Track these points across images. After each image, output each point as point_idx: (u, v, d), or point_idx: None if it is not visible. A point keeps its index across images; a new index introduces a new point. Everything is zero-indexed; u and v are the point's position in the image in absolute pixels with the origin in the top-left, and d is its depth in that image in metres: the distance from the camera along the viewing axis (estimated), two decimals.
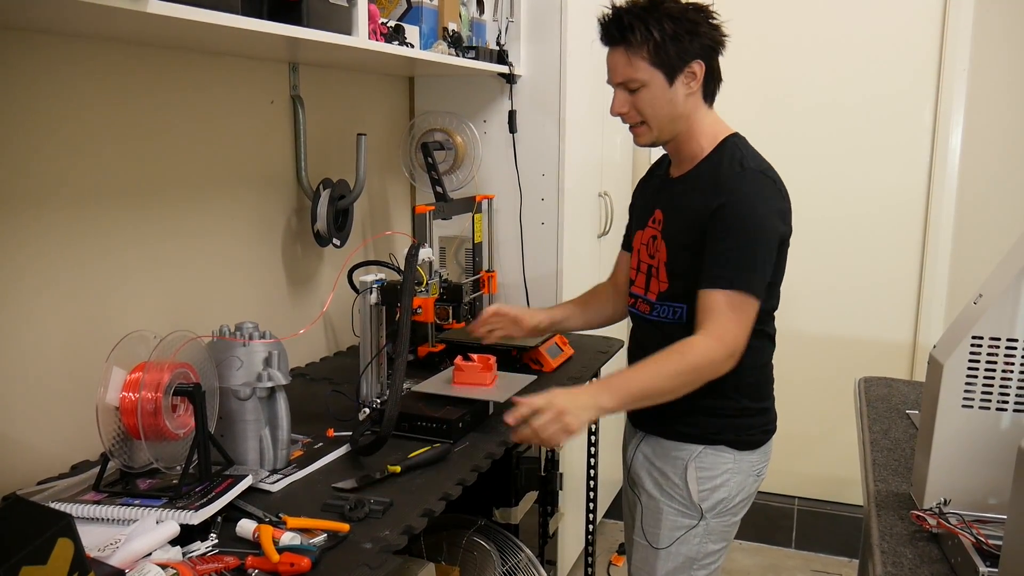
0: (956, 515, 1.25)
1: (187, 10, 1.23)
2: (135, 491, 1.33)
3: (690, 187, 1.65)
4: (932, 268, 3.16)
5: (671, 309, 1.67)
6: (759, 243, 1.55)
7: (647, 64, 1.57)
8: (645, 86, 1.58)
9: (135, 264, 1.71)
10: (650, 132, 1.64)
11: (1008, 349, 1.28)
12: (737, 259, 1.53)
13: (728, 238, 1.54)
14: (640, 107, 1.61)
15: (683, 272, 1.63)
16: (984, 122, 3.04)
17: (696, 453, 1.68)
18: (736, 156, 1.60)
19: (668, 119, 1.62)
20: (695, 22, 1.56)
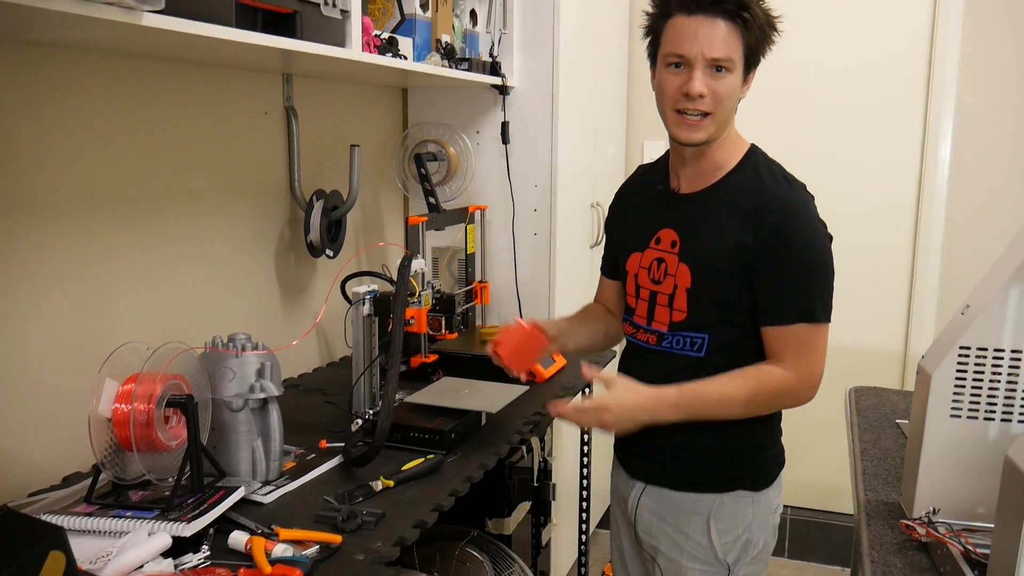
0: (945, 524, 1.26)
1: (181, 23, 1.24)
2: (127, 503, 1.33)
3: (721, 202, 1.48)
4: (922, 278, 3.18)
5: (688, 340, 1.51)
6: (826, 266, 1.45)
7: (742, 49, 1.41)
8: (733, 72, 1.41)
9: (128, 275, 1.71)
10: (710, 127, 1.44)
11: (995, 359, 1.29)
12: (809, 289, 1.43)
13: (797, 267, 1.42)
14: (720, 94, 1.41)
15: (715, 300, 1.48)
16: (973, 132, 3.06)
17: (715, 505, 1.53)
18: (776, 170, 1.49)
19: (728, 117, 1.46)
20: (777, 31, 1.46)
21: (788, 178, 1.48)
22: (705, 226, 1.49)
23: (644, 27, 1.50)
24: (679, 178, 1.55)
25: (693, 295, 1.49)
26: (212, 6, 1.31)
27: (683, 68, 1.41)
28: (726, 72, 1.40)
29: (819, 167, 3.22)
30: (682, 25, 1.40)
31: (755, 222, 1.43)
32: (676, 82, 1.42)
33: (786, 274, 1.43)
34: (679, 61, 1.41)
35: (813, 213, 1.46)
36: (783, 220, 1.42)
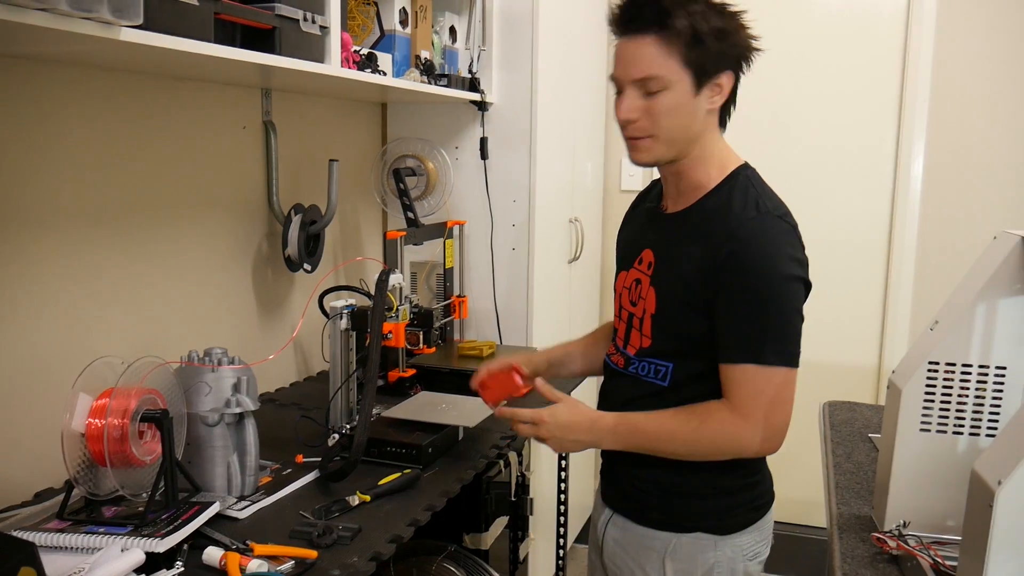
0: (915, 537, 1.28)
1: (160, 38, 1.24)
2: (100, 519, 1.32)
3: (692, 227, 1.39)
4: (896, 294, 3.22)
5: (653, 367, 1.43)
6: (781, 305, 1.31)
7: (678, 63, 1.30)
8: (669, 88, 1.31)
9: (103, 289, 1.70)
10: (657, 148, 1.36)
11: (963, 374, 1.32)
12: (759, 327, 1.31)
13: (746, 302, 1.30)
14: (656, 114, 1.33)
15: (676, 330, 1.40)
16: (945, 151, 3.12)
17: (671, 545, 1.44)
18: (751, 195, 1.35)
19: (683, 134, 1.35)
20: (739, 25, 1.33)
21: (760, 204, 1.34)
22: (676, 250, 1.41)
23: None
24: (667, 197, 1.49)
25: (656, 322, 1.42)
26: (191, 21, 1.32)
27: (621, 93, 1.37)
28: (662, 90, 1.31)
29: (794, 186, 3.25)
30: (617, 49, 1.36)
31: (714, 249, 1.32)
32: (616, 107, 1.38)
33: (735, 308, 1.32)
34: (617, 87, 1.38)
35: (777, 245, 1.32)
36: (738, 249, 1.30)
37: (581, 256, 3.07)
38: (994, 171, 3.09)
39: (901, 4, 3.12)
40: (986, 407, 1.32)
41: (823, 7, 3.19)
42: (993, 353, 1.31)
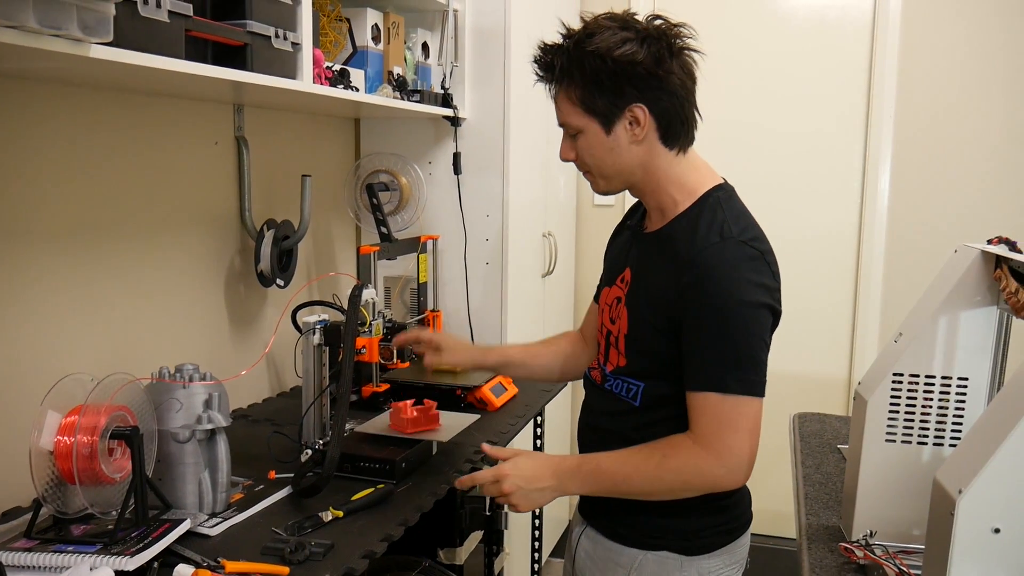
0: (881, 546, 1.30)
1: (130, 55, 1.24)
2: (68, 537, 1.31)
3: (662, 249, 1.39)
4: (865, 306, 3.28)
5: (625, 385, 1.44)
6: (743, 332, 1.29)
7: (579, 110, 1.36)
8: (582, 133, 1.38)
9: (73, 305, 1.69)
10: (599, 181, 1.43)
11: (927, 385, 1.34)
12: (720, 355, 1.29)
13: (708, 329, 1.29)
14: (581, 155, 1.40)
15: (645, 351, 1.40)
16: (910, 165, 3.19)
17: (636, 562, 1.42)
18: (717, 219, 1.33)
19: (614, 169, 1.39)
20: (630, 61, 1.30)
21: (725, 229, 1.32)
22: (647, 271, 1.42)
23: None
24: (647, 216, 1.49)
25: (629, 342, 1.42)
26: (162, 38, 1.32)
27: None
28: (578, 133, 1.38)
29: (764, 200, 3.29)
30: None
31: (677, 274, 1.32)
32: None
33: (698, 336, 1.31)
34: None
35: (738, 272, 1.29)
36: (699, 276, 1.29)
37: (555, 270, 3.09)
38: (959, 184, 3.15)
39: (866, 21, 3.18)
40: (949, 417, 1.35)
41: (791, 22, 3.25)
42: (955, 364, 1.34)
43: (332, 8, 2.15)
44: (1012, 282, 1.22)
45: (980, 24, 3.07)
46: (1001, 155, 3.11)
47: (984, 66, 3.08)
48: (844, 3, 3.21)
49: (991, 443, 0.97)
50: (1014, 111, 3.07)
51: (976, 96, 3.10)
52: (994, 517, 0.97)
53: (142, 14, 1.27)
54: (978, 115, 3.11)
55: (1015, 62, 3.05)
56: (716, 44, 3.30)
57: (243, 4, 1.55)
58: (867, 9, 3.18)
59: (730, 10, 3.29)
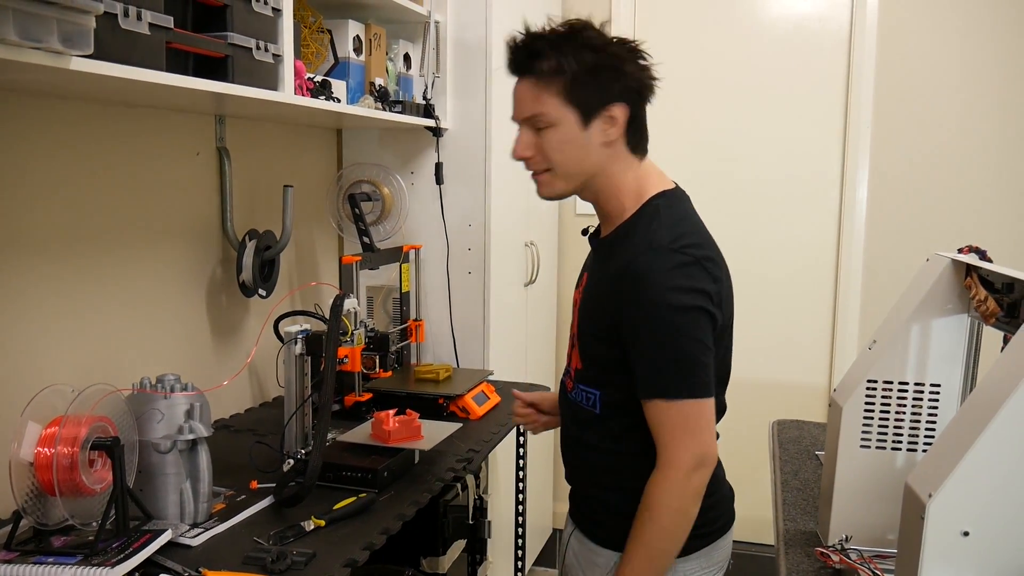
0: (856, 551, 1.32)
1: (111, 67, 1.25)
2: (49, 549, 1.30)
3: (606, 256, 1.42)
4: (844, 314, 3.31)
5: (585, 393, 1.45)
6: (683, 335, 1.29)
7: (559, 100, 1.33)
8: (554, 126, 1.35)
9: (54, 316, 1.69)
10: (556, 182, 1.40)
11: (900, 392, 1.37)
12: (658, 363, 1.30)
13: (647, 336, 1.30)
14: (547, 150, 1.37)
15: (591, 356, 1.42)
16: (888, 174, 3.23)
17: (614, 562, 1.43)
18: (652, 227, 1.34)
19: (578, 168, 1.38)
20: (620, 58, 1.33)
21: (657, 238, 1.32)
22: (594, 278, 1.44)
23: None
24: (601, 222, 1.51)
25: (579, 346, 1.45)
26: (142, 50, 1.33)
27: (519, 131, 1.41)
28: (548, 127, 1.35)
29: (743, 208, 3.35)
30: (513, 89, 1.40)
31: (613, 282, 1.34)
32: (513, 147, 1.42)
33: (637, 345, 1.32)
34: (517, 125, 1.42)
35: (667, 278, 1.29)
36: (630, 285, 1.31)
37: (537, 279, 3.11)
38: (936, 193, 3.20)
39: (844, 32, 3.23)
40: (922, 423, 1.37)
41: (769, 32, 3.29)
42: (928, 371, 1.37)
43: (314, 20, 2.16)
44: (981, 290, 1.25)
45: (956, 35, 3.12)
46: (978, 164, 3.16)
47: (960, 76, 3.14)
48: (822, 14, 3.25)
49: (960, 448, 0.99)
50: (990, 121, 3.13)
51: (952, 106, 3.15)
52: (963, 520, 0.99)
53: (123, 27, 1.28)
54: (954, 125, 3.16)
55: (991, 72, 3.11)
56: (695, 53, 3.34)
57: (224, 16, 1.56)
58: (844, 21, 3.23)
59: (708, 20, 3.33)
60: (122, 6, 1.27)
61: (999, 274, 1.23)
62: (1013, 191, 3.14)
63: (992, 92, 3.12)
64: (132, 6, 1.29)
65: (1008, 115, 3.11)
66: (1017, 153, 3.12)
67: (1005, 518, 0.99)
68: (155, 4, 1.35)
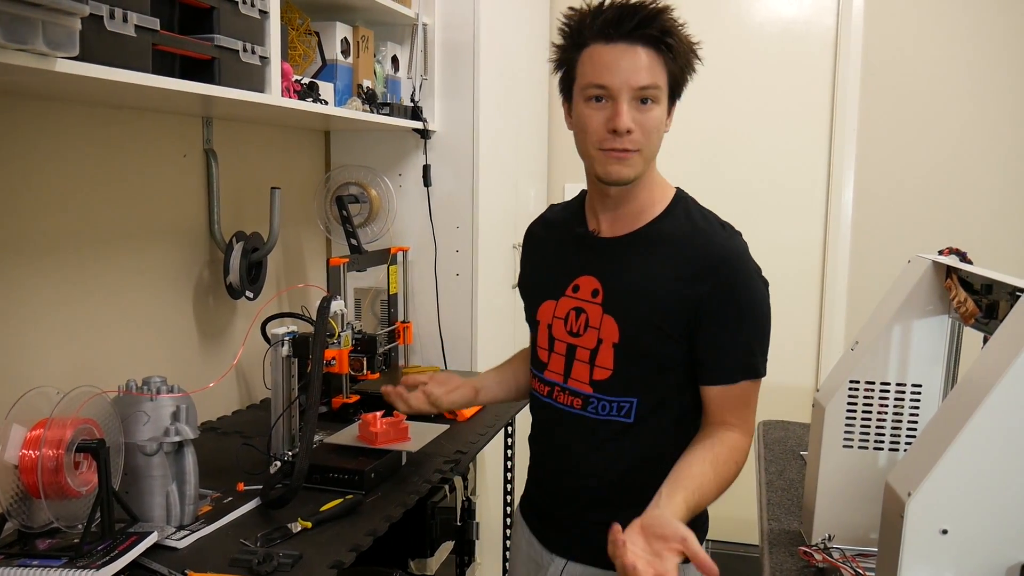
0: (839, 550, 1.33)
1: (97, 69, 1.25)
2: (34, 551, 1.30)
3: (652, 251, 1.35)
4: (830, 316, 3.33)
5: (615, 405, 1.36)
6: (769, 318, 1.36)
7: (666, 79, 1.29)
8: (658, 103, 1.29)
9: (39, 317, 1.68)
10: (639, 163, 1.31)
11: (882, 392, 1.38)
12: (755, 344, 1.34)
13: (746, 322, 1.32)
14: (646, 128, 1.29)
15: (647, 354, 1.34)
16: (873, 178, 3.26)
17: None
18: (708, 216, 1.38)
19: (653, 154, 1.34)
20: (697, 58, 1.34)
21: (725, 225, 1.37)
22: (635, 275, 1.35)
23: (554, 60, 1.36)
24: (599, 221, 1.41)
25: (621, 349, 1.34)
26: (128, 52, 1.33)
27: (606, 101, 1.28)
28: (652, 104, 1.28)
29: (730, 209, 3.35)
30: (601, 54, 1.26)
31: (701, 274, 1.30)
32: (599, 118, 1.28)
33: (736, 330, 1.32)
34: (601, 94, 1.27)
35: (754, 261, 1.36)
36: (732, 272, 1.31)
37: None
38: (922, 195, 3.23)
39: (830, 35, 3.25)
40: (904, 423, 1.39)
41: (755, 36, 3.31)
42: (909, 372, 1.38)
43: (301, 22, 2.16)
44: (961, 292, 1.26)
45: (941, 40, 3.15)
46: (963, 167, 3.19)
47: (945, 81, 3.16)
48: (808, 17, 3.27)
49: (938, 447, 1.00)
50: (974, 124, 3.16)
51: (937, 110, 3.18)
52: (942, 519, 1.00)
53: (108, 28, 1.28)
54: (939, 128, 3.19)
55: (976, 75, 3.14)
56: None
57: (211, 18, 1.56)
58: (830, 25, 3.25)
59: (694, 24, 3.32)
60: (108, 8, 1.27)
61: (978, 275, 1.25)
62: (999, 193, 3.17)
63: (977, 96, 3.15)
64: (118, 8, 1.29)
65: (992, 119, 3.14)
66: (1002, 156, 3.15)
67: (983, 516, 1.00)
68: (141, 6, 1.35)
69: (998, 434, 0.98)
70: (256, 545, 1.44)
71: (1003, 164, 3.16)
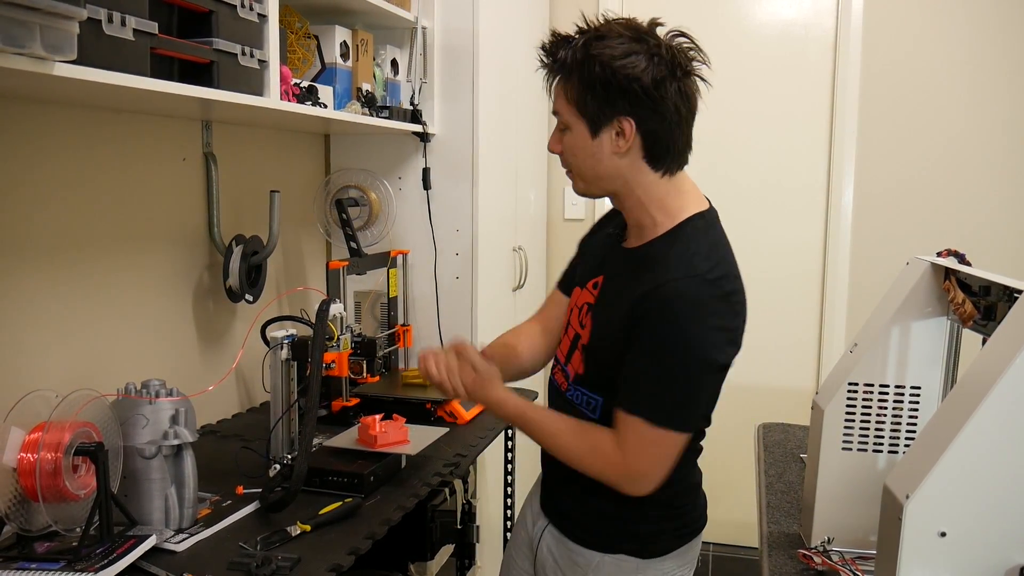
0: (838, 552, 1.33)
1: (95, 73, 1.25)
2: (32, 555, 1.30)
3: (635, 268, 1.38)
4: (830, 317, 3.33)
5: (587, 397, 1.44)
6: (691, 372, 1.30)
7: (572, 107, 1.34)
8: (570, 129, 1.36)
9: (39, 321, 1.68)
10: (577, 182, 1.42)
11: (881, 394, 1.38)
12: (664, 392, 1.31)
13: (659, 363, 1.30)
14: (565, 151, 1.40)
15: (604, 364, 1.40)
16: (873, 180, 3.26)
17: (595, 563, 1.46)
18: (688, 252, 1.32)
19: (592, 174, 1.38)
20: (628, 76, 1.28)
21: (694, 264, 1.31)
22: (619, 286, 1.41)
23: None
24: (628, 230, 1.48)
25: (588, 352, 1.43)
26: (127, 56, 1.33)
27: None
28: (566, 128, 1.37)
29: (730, 212, 3.35)
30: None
31: (641, 299, 1.31)
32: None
33: (643, 363, 1.31)
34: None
35: (700, 314, 1.29)
36: (658, 308, 1.29)
37: (525, 284, 3.11)
38: (922, 196, 3.22)
39: (829, 37, 3.26)
40: (903, 425, 1.38)
41: (754, 39, 3.32)
42: (908, 373, 1.38)
43: (300, 25, 2.17)
44: (959, 293, 1.26)
45: (940, 42, 3.15)
46: (962, 168, 3.18)
47: (944, 82, 3.16)
48: (807, 20, 3.28)
49: (937, 449, 1.00)
50: (974, 126, 3.15)
51: (936, 111, 3.18)
52: (940, 521, 1.00)
53: (107, 32, 1.28)
54: (938, 130, 3.19)
55: (974, 78, 3.14)
56: None
57: (209, 22, 1.56)
58: (829, 27, 3.25)
59: (694, 26, 3.32)
60: (106, 12, 1.27)
61: (976, 277, 1.24)
62: (997, 195, 3.17)
63: (975, 98, 3.15)
64: (116, 12, 1.29)
65: (991, 121, 3.14)
66: (1000, 158, 3.15)
67: (982, 519, 1.00)
68: (140, 10, 1.36)
69: (997, 436, 0.98)
70: (255, 548, 1.44)
71: (1002, 166, 3.16)
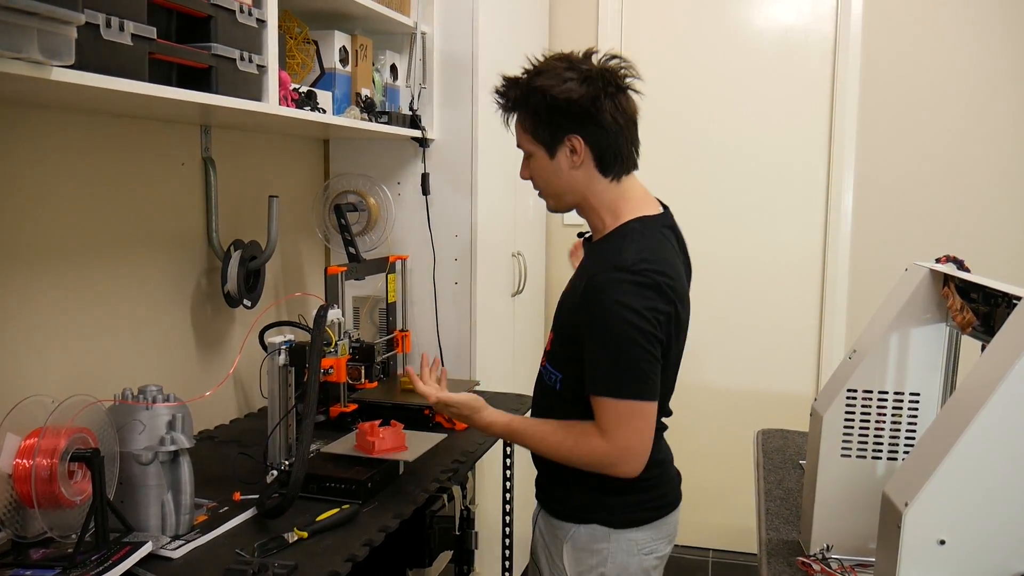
0: (837, 560, 1.32)
1: (93, 77, 1.25)
2: (27, 561, 1.30)
3: (588, 262, 1.59)
4: (830, 324, 3.32)
5: (551, 373, 1.62)
6: (629, 345, 1.44)
7: (529, 137, 1.56)
8: (532, 156, 1.58)
9: (36, 326, 1.68)
10: (548, 200, 1.64)
11: (880, 401, 1.37)
12: (613, 365, 1.45)
13: (600, 343, 1.46)
14: (532, 176, 1.62)
15: (563, 342, 1.58)
16: (873, 184, 3.25)
17: (571, 532, 1.60)
18: (620, 248, 1.49)
19: (556, 190, 1.59)
20: (567, 99, 1.48)
21: (621, 259, 1.46)
22: (575, 277, 1.61)
23: None
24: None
25: (554, 332, 1.63)
26: (125, 61, 1.33)
27: None
28: (530, 157, 1.58)
29: (730, 218, 3.36)
30: None
31: (584, 293, 1.49)
32: None
33: (591, 348, 1.47)
34: None
35: (620, 296, 1.43)
36: (593, 297, 1.46)
37: (524, 289, 3.11)
38: (921, 202, 3.22)
39: (828, 43, 3.26)
40: (902, 432, 1.38)
41: (754, 44, 3.32)
42: (907, 380, 1.37)
43: (299, 31, 2.16)
44: (958, 300, 1.26)
45: (940, 45, 3.15)
46: (962, 175, 3.18)
47: (944, 86, 3.16)
48: (807, 25, 3.28)
49: (935, 457, 0.99)
50: (974, 129, 3.15)
51: (936, 115, 3.18)
52: (939, 529, 0.99)
53: (105, 37, 1.28)
54: (938, 134, 3.19)
55: (974, 82, 3.14)
56: (682, 64, 3.36)
57: (208, 27, 1.56)
58: (829, 32, 3.26)
59: (694, 32, 3.35)
60: (104, 17, 1.27)
61: (975, 284, 1.24)
62: (997, 201, 3.16)
63: (975, 103, 3.15)
64: (115, 17, 1.29)
65: (991, 127, 3.14)
66: (1000, 164, 3.15)
67: (981, 527, 1.00)
68: (138, 15, 1.36)
69: (996, 443, 0.97)
70: (251, 555, 1.43)
71: (1002, 172, 3.15)
